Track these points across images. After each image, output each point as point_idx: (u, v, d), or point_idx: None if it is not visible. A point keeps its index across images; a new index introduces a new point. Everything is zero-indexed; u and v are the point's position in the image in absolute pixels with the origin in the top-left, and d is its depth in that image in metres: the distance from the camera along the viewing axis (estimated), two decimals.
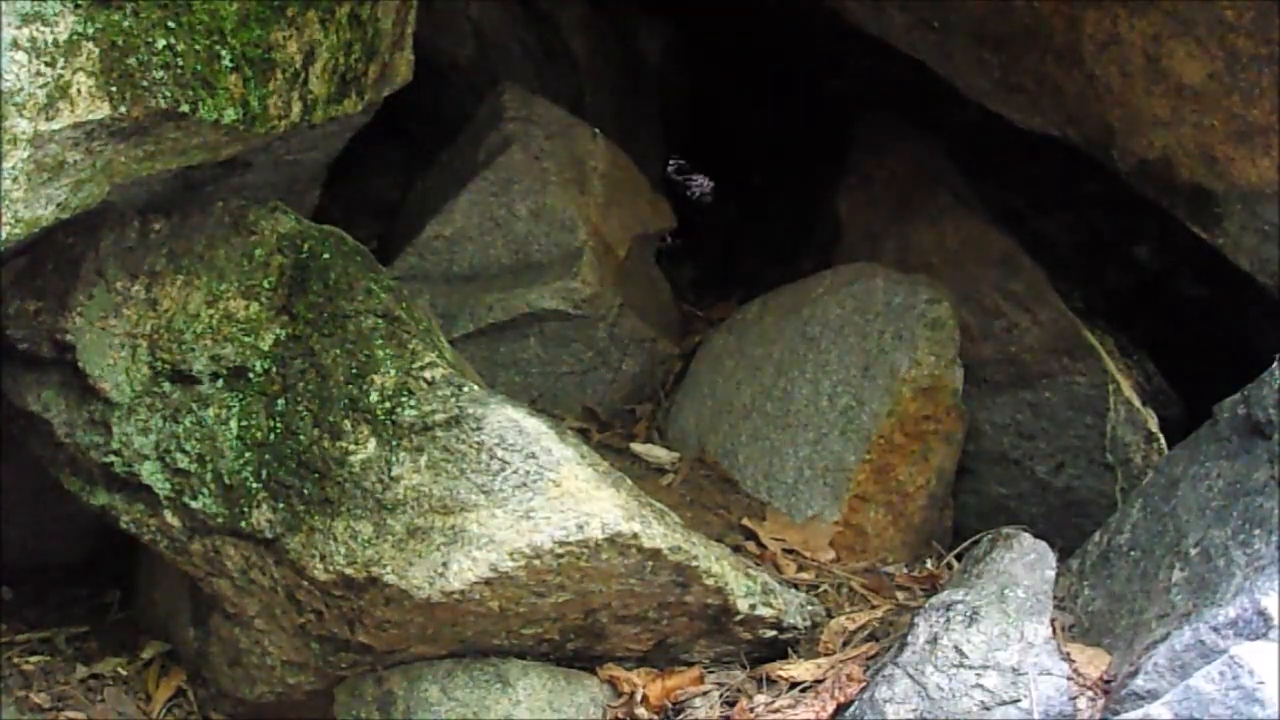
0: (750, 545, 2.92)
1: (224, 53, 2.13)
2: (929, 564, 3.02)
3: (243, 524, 2.28)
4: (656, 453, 3.23)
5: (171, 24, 2.04)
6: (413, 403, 2.23)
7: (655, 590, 2.28)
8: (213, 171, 2.41)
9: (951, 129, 3.73)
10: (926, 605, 2.34)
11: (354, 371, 2.28)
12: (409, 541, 2.17)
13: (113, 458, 2.35)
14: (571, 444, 2.25)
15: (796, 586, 2.69)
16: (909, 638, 2.26)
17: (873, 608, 2.70)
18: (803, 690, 2.36)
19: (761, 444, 3.16)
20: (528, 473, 2.18)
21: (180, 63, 2.05)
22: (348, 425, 2.24)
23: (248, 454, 2.29)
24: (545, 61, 4.04)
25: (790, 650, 2.49)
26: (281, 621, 2.34)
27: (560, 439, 2.23)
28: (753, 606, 2.38)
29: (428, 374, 2.26)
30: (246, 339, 2.34)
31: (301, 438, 2.26)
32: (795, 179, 4.28)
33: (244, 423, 2.31)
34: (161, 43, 2.03)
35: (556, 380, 3.32)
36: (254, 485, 2.28)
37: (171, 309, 2.38)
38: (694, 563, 2.27)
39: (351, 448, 2.23)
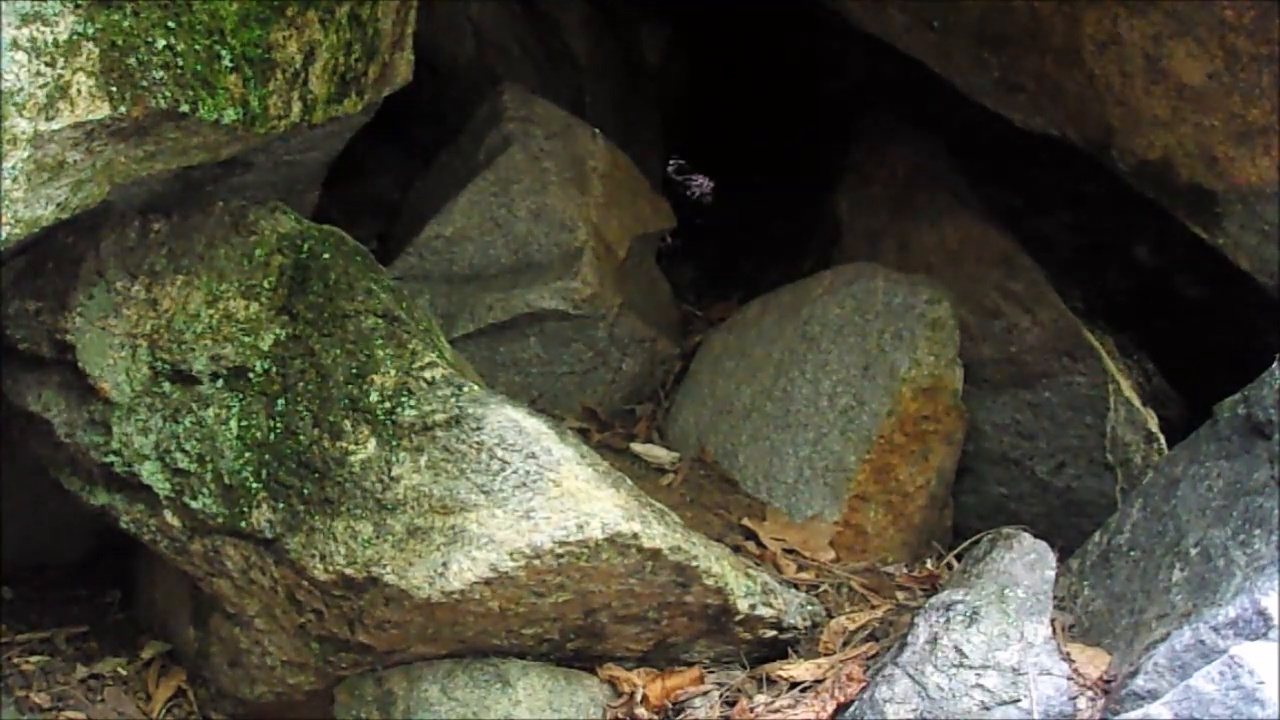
0: (750, 545, 2.92)
1: (224, 53, 2.13)
2: (929, 564, 3.02)
3: (243, 524, 2.28)
4: (656, 453, 3.23)
5: (171, 24, 2.04)
6: (413, 403, 2.23)
7: (655, 590, 2.28)
8: (213, 171, 2.41)
9: (951, 129, 3.73)
10: (926, 605, 2.34)
11: (354, 371, 2.27)
12: (409, 541, 2.17)
13: (113, 458, 2.35)
14: (571, 444, 2.25)
15: (796, 586, 2.68)
16: (909, 638, 2.26)
17: (873, 608, 2.70)
18: (803, 690, 2.36)
19: (761, 444, 3.16)
20: (528, 473, 2.18)
21: (180, 63, 2.05)
22: (348, 425, 2.24)
23: (248, 454, 2.29)
24: (545, 61, 4.03)
25: (790, 650, 2.49)
26: (281, 621, 2.34)
27: (560, 439, 2.23)
28: (753, 606, 2.38)
29: (428, 374, 2.26)
30: (246, 339, 2.34)
31: (301, 438, 2.26)
32: (795, 179, 4.28)
33: (244, 423, 2.30)
34: (161, 43, 2.03)
35: (556, 380, 3.32)
36: (254, 485, 2.28)
37: (171, 309, 2.38)
38: (694, 563, 2.27)
39: (351, 448, 2.23)
